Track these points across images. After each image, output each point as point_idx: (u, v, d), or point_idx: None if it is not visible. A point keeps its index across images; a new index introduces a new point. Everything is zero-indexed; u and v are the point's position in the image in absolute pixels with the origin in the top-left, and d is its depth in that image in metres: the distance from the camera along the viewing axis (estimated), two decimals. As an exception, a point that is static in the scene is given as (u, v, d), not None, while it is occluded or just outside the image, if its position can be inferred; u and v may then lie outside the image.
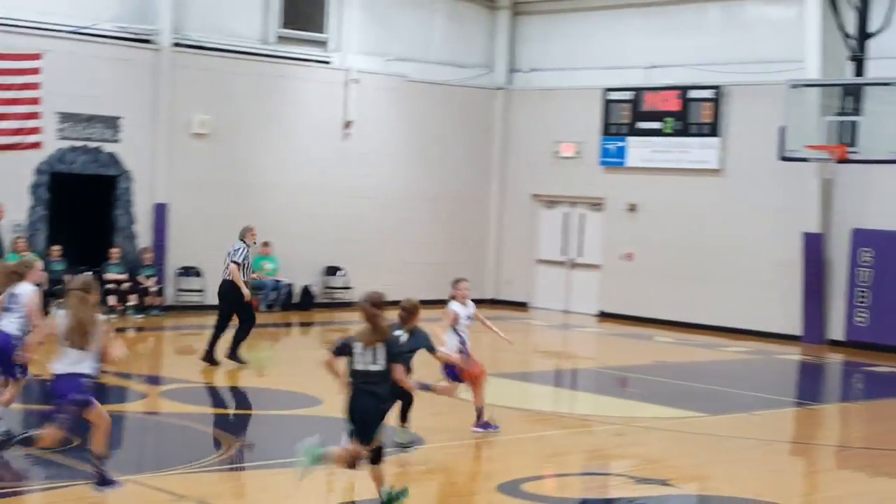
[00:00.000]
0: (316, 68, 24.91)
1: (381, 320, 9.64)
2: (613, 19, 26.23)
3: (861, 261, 21.78)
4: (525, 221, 27.51)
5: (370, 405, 9.52)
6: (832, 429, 15.56)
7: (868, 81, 17.51)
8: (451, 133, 27.09)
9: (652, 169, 25.07)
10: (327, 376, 9.93)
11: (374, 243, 25.81)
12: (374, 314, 9.62)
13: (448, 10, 27.17)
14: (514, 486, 10.75)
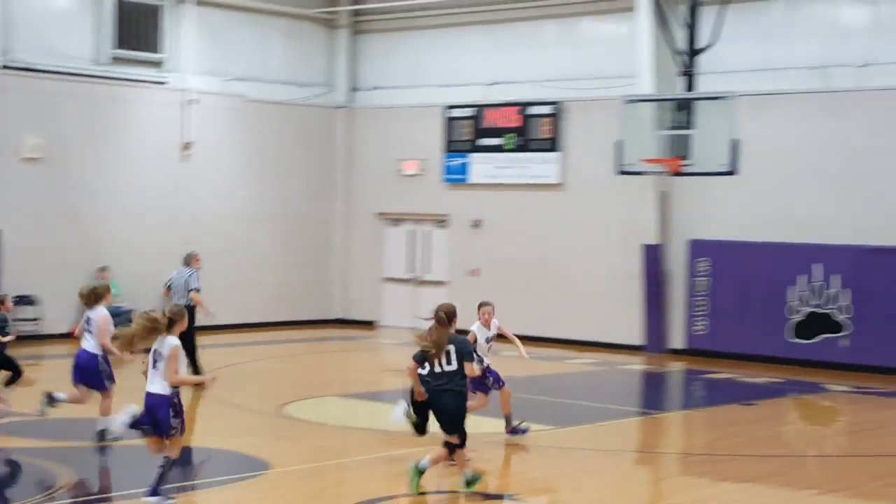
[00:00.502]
0: (152, 89, 24.51)
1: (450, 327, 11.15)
2: (453, 37, 26.44)
3: (698, 271, 22.34)
4: (370, 240, 27.49)
5: (450, 400, 11.02)
6: (675, 436, 15.88)
7: (698, 96, 17.98)
8: (293, 152, 26.93)
9: (495, 185, 25.32)
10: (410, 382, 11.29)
11: (218, 265, 25.42)
12: (446, 322, 11.13)
13: (287, 29, 27.03)
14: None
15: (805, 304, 21.24)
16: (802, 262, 21.23)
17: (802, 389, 19.02)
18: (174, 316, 10.59)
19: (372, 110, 27.56)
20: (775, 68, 21.78)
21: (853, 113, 21.05)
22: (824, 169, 21.26)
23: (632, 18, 22.99)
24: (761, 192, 21.72)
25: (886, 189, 20.64)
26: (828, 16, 21.66)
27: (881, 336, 20.44)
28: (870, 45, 21.02)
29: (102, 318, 12.99)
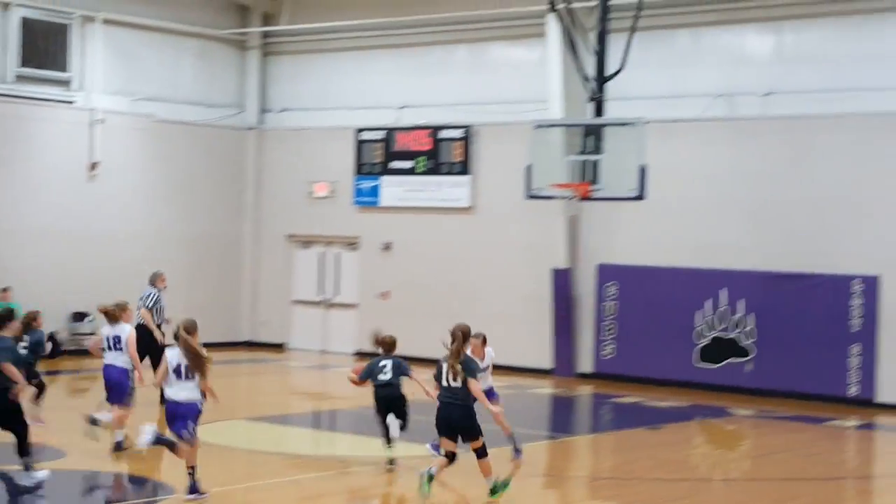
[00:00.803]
0: (58, 108, 24.18)
1: (464, 347, 12.23)
2: (364, 60, 26.46)
3: (607, 295, 22.55)
4: (280, 262, 27.35)
5: (454, 412, 12.10)
6: (583, 460, 15.98)
7: (607, 122, 18.15)
8: (202, 173, 26.72)
9: (405, 207, 25.35)
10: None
11: (125, 287, 24.97)
12: (462, 340, 12.19)
13: (197, 49, 26.85)
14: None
15: (711, 328, 21.54)
16: (709, 288, 21.54)
17: (708, 413, 19.26)
18: (189, 327, 12.30)
19: (282, 132, 27.46)
20: (682, 95, 22.13)
21: (757, 140, 21.45)
22: (730, 195, 21.62)
23: (542, 44, 23.23)
24: (669, 217, 22.02)
25: (790, 215, 21.03)
26: (733, 45, 22.07)
27: (784, 361, 20.79)
28: (773, 74, 21.45)
29: (132, 335, 13.89)
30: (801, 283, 20.67)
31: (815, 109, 20.89)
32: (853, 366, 20.22)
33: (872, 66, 20.49)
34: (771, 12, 21.65)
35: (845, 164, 20.54)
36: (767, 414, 19.27)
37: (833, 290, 20.38)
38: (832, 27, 21.05)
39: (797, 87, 21.17)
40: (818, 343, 20.45)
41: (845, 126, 20.57)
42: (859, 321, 20.17)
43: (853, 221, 20.44)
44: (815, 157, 20.84)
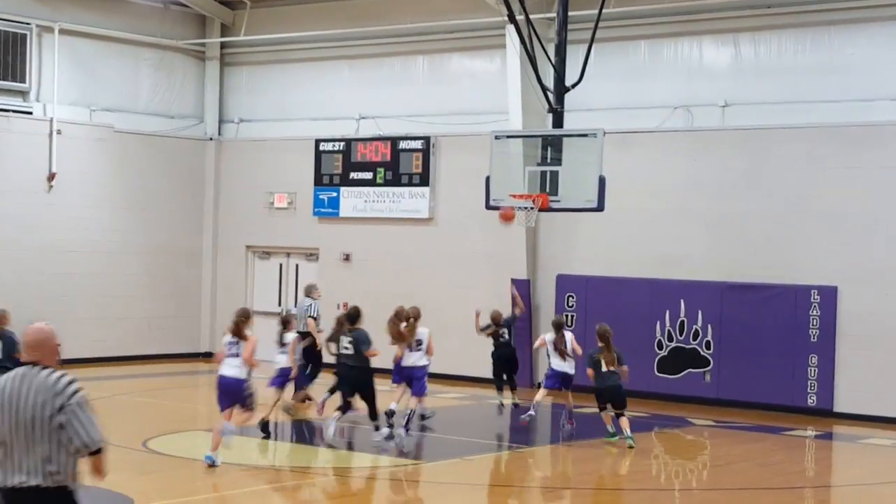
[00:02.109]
0: (15, 119, 24.00)
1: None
2: (322, 70, 26.44)
3: (567, 305, 22.60)
4: (240, 273, 27.25)
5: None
6: (542, 471, 15.99)
7: (566, 133, 18.18)
8: (161, 184, 26.60)
9: (365, 218, 25.32)
10: None
11: (84, 298, 25.01)
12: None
13: (156, 60, 26.73)
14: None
15: (670, 339, 21.64)
16: (667, 298, 21.64)
17: (667, 423, 19.33)
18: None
19: (242, 143, 27.39)
20: (640, 107, 22.25)
21: (715, 151, 21.59)
22: (688, 206, 21.74)
23: (501, 56, 23.30)
24: (627, 228, 22.12)
25: (746, 226, 21.17)
26: (691, 57, 22.21)
27: (743, 371, 20.90)
28: (731, 86, 21.61)
29: (251, 344, 14.78)
30: (760, 293, 20.81)
31: (772, 121, 21.06)
32: (811, 376, 20.36)
33: (829, 78, 20.68)
34: (729, 24, 21.81)
35: (803, 176, 20.71)
36: (726, 424, 19.37)
37: (791, 301, 20.53)
38: (789, 39, 21.23)
39: (755, 98, 21.34)
40: (777, 353, 20.58)
41: (802, 137, 20.74)
42: (817, 332, 20.32)
43: (811, 232, 20.60)
44: (773, 169, 21.00)
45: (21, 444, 6.43)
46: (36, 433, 6.42)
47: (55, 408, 6.42)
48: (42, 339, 6.70)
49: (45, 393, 6.44)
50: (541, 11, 21.83)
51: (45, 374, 6.52)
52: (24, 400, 6.44)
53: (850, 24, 20.73)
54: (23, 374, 6.54)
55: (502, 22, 21.42)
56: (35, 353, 6.64)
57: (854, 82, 20.42)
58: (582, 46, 19.18)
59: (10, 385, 6.50)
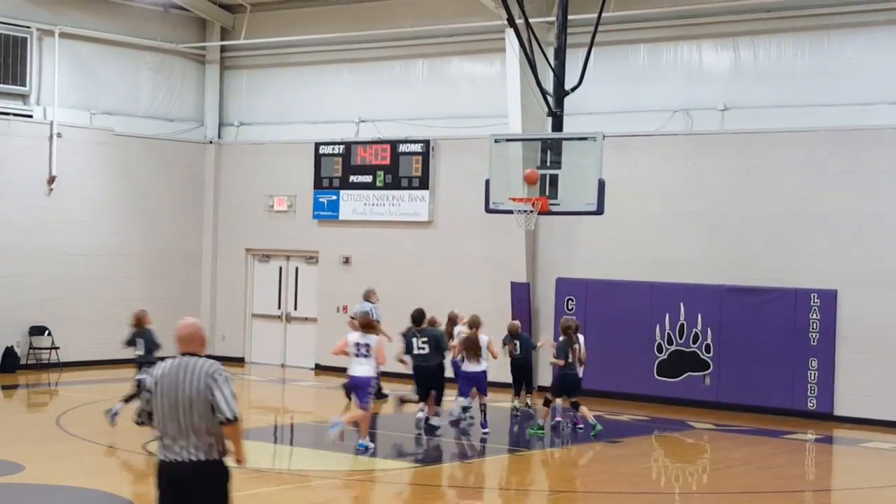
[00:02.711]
0: (15, 122, 24.03)
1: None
2: (322, 74, 26.48)
3: (566, 309, 22.59)
4: (239, 276, 27.27)
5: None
6: (542, 474, 15.99)
7: (565, 136, 18.20)
8: (161, 187, 26.62)
9: (365, 221, 25.34)
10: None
11: (84, 301, 25.02)
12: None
13: (156, 63, 26.75)
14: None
15: (670, 342, 21.64)
16: (667, 302, 21.64)
17: (667, 427, 19.34)
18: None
19: (241, 146, 27.41)
20: (640, 110, 22.28)
21: (715, 155, 21.60)
22: (687, 209, 21.76)
23: (501, 59, 23.31)
24: (627, 231, 22.13)
25: (745, 230, 21.18)
26: (690, 60, 22.22)
27: (742, 375, 20.90)
28: (730, 89, 21.62)
29: (381, 343, 15.88)
30: (760, 297, 20.82)
31: (771, 125, 21.08)
32: (812, 379, 20.37)
33: (828, 82, 20.70)
34: (728, 28, 21.83)
35: (802, 179, 20.72)
36: (726, 427, 19.38)
37: (791, 305, 20.53)
38: (789, 43, 21.25)
39: (754, 102, 21.36)
40: (777, 357, 20.58)
41: (802, 141, 20.76)
42: (817, 335, 20.32)
43: (811, 236, 20.61)
44: (773, 172, 21.02)
45: (181, 425, 7.47)
46: (195, 414, 7.45)
47: (208, 389, 7.47)
48: (193, 332, 7.78)
49: (201, 378, 7.49)
50: (540, 15, 21.85)
51: (200, 363, 7.58)
52: (183, 386, 7.48)
53: (849, 27, 20.74)
54: (179, 363, 7.60)
55: (502, 26, 21.48)
56: (188, 346, 7.70)
57: (853, 86, 20.44)
58: (581, 50, 19.22)
59: (169, 373, 7.57)
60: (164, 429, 7.56)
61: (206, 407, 7.47)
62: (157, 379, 7.61)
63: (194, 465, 7.50)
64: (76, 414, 18.55)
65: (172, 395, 7.51)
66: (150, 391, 7.64)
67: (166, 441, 7.56)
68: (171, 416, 7.52)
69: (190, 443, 7.50)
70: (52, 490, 12.75)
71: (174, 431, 7.52)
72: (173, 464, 7.50)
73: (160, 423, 7.57)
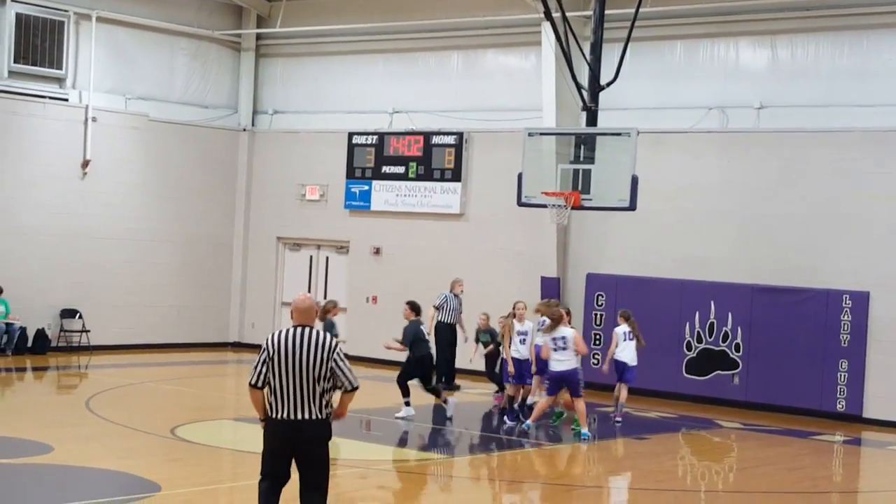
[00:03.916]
0: (51, 105, 24.16)
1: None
2: (357, 64, 26.49)
3: (596, 305, 22.55)
4: (270, 264, 27.34)
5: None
6: (567, 468, 15.96)
7: (599, 131, 18.14)
8: (194, 174, 26.71)
9: (396, 212, 25.35)
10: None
11: (115, 285, 25.16)
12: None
13: (192, 49, 26.84)
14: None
15: (699, 341, 21.56)
16: (697, 300, 21.56)
17: (695, 425, 19.27)
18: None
19: (275, 134, 27.47)
20: (675, 107, 22.18)
21: (749, 153, 21.49)
22: (720, 208, 21.66)
23: (536, 53, 23.27)
24: (659, 228, 22.06)
25: (779, 229, 21.07)
26: (727, 57, 22.11)
27: (772, 375, 20.81)
28: (766, 88, 21.50)
29: (577, 334, 16.62)
30: (791, 297, 20.72)
31: (807, 124, 20.95)
32: (841, 381, 20.25)
33: (866, 82, 20.55)
34: (766, 26, 21.71)
35: (837, 180, 20.59)
36: (754, 427, 19.30)
37: (823, 306, 20.42)
38: (827, 42, 21.10)
39: (790, 101, 21.23)
40: (806, 358, 20.48)
41: (838, 141, 20.62)
42: (848, 336, 20.21)
43: (844, 237, 20.48)
44: (807, 172, 20.89)
45: (300, 387, 8.65)
46: (311, 378, 8.65)
47: (325, 358, 8.69)
48: (307, 307, 8.87)
49: (316, 347, 8.68)
50: (577, 9, 21.79)
51: (314, 333, 8.77)
52: (301, 352, 8.66)
53: (889, 28, 20.58)
54: (298, 333, 8.74)
55: (538, 19, 21.41)
56: (303, 318, 8.82)
57: (891, 87, 20.28)
58: (617, 45, 19.13)
59: (289, 341, 8.71)
60: (284, 391, 8.67)
61: (324, 375, 8.67)
62: (276, 345, 8.69)
63: (308, 422, 8.68)
64: (105, 397, 18.65)
65: (293, 360, 8.64)
66: (270, 356, 8.69)
67: (287, 402, 8.68)
68: (291, 379, 8.65)
69: (308, 404, 8.65)
70: (81, 471, 12.83)
71: (293, 392, 8.64)
72: (290, 421, 8.68)
73: (280, 386, 8.66)
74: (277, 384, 8.70)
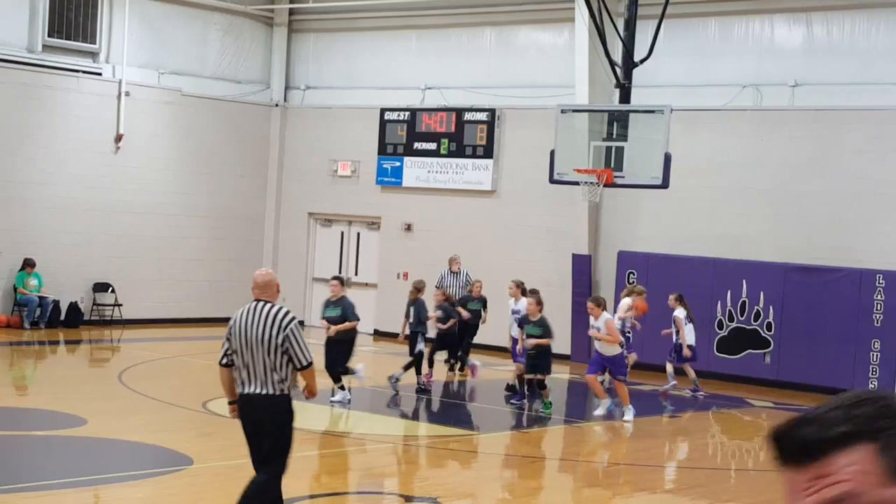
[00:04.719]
0: (85, 79, 24.24)
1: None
2: (389, 40, 26.44)
3: (627, 282, 22.47)
4: (301, 240, 27.40)
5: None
6: (598, 446, 15.98)
7: (632, 108, 18.07)
8: (226, 149, 26.77)
9: (427, 189, 25.34)
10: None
11: (147, 260, 25.27)
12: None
13: (224, 24, 26.87)
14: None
15: (731, 319, 21.49)
16: (730, 278, 21.47)
17: (725, 403, 19.23)
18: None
19: (307, 110, 27.48)
20: (709, 84, 22.04)
21: (783, 131, 21.35)
22: (753, 186, 21.54)
23: (570, 29, 23.16)
24: (691, 206, 21.96)
25: (813, 208, 20.94)
26: (762, 35, 21.95)
27: (803, 353, 20.72)
28: (802, 65, 21.34)
29: (610, 322, 16.49)
30: (823, 276, 20.60)
31: (842, 102, 20.78)
32: (874, 361, 20.14)
33: (902, 60, 20.36)
34: (801, 3, 21.51)
35: (871, 158, 20.43)
36: (785, 406, 19.23)
37: (856, 285, 20.30)
38: (862, 19, 20.90)
39: (825, 79, 21.06)
40: (838, 337, 20.37)
41: (872, 119, 20.46)
42: (881, 316, 20.08)
43: (878, 216, 20.33)
44: (841, 150, 20.74)
45: (252, 361, 8.47)
46: (266, 354, 8.43)
47: (275, 332, 8.43)
48: (265, 281, 8.75)
49: (275, 325, 8.46)
50: (611, -15, 21.66)
51: (274, 309, 8.57)
52: (254, 326, 8.47)
53: (926, 5, 20.39)
54: (253, 307, 8.60)
55: (572, -5, 21.32)
56: (263, 292, 8.68)
57: (928, 65, 20.10)
58: (651, 22, 19.03)
59: (244, 316, 8.56)
60: (241, 365, 8.52)
61: (277, 350, 8.43)
62: (234, 321, 8.57)
63: (264, 398, 8.48)
64: (138, 370, 18.78)
65: (248, 335, 8.47)
66: (231, 333, 8.59)
67: (243, 376, 8.53)
68: (246, 354, 8.48)
69: (260, 378, 8.46)
70: (114, 444, 12.93)
71: (249, 368, 8.48)
72: (249, 396, 8.50)
73: (238, 360, 8.52)
74: (237, 360, 8.57)
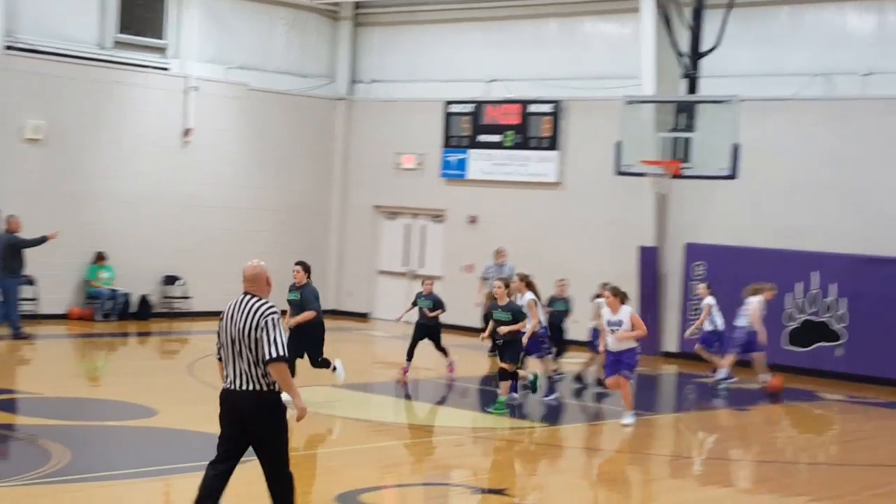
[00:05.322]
0: (154, 75, 24.46)
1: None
2: (454, 32, 26.42)
3: (694, 274, 22.31)
4: (366, 232, 27.48)
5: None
6: (666, 439, 15.85)
7: (700, 99, 17.93)
8: (292, 143, 26.90)
9: (492, 181, 25.29)
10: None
11: (214, 253, 25.46)
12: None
13: (290, 19, 26.99)
14: (352, 497, 10.67)
15: (801, 311, 21.24)
16: (799, 270, 21.22)
17: (796, 397, 19.00)
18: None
19: (371, 103, 27.54)
20: (778, 74, 21.78)
21: (855, 121, 21.05)
22: (824, 177, 21.25)
23: (635, 19, 22.99)
24: (760, 197, 21.72)
25: (885, 199, 20.63)
26: (833, 23, 21.65)
27: (876, 346, 20.43)
28: (874, 54, 21.01)
29: (634, 316, 15.32)
30: (895, 267, 20.29)
31: (915, 91, 20.45)
32: (946, 354, 19.82)
33: (976, 48, 20.00)
34: (872, -9, 21.21)
35: (944, 148, 20.09)
36: (857, 399, 18.98)
37: (928, 276, 19.98)
38: (935, 7, 20.56)
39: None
40: (911, 330, 20.07)
41: (946, 109, 20.11)
42: (954, 308, 19.76)
43: (951, 206, 19.99)
44: (914, 140, 20.41)
45: (235, 355, 8.20)
46: (248, 348, 8.13)
47: (253, 325, 8.14)
48: (254, 274, 8.59)
49: (248, 314, 8.18)
50: (678, -25, 21.47)
51: (257, 302, 8.29)
52: (237, 320, 8.22)
53: None
54: (239, 301, 8.36)
55: (638, -15, 21.18)
56: (251, 285, 8.48)
57: None
58: (719, 11, 18.87)
59: (230, 310, 8.32)
60: (227, 360, 8.28)
61: (258, 344, 8.13)
62: (224, 314, 8.35)
63: (249, 394, 8.16)
64: (207, 362, 18.90)
65: (231, 329, 8.23)
66: (220, 327, 8.37)
67: (228, 371, 8.26)
68: (230, 348, 8.23)
69: (244, 373, 8.17)
70: (185, 434, 13.03)
71: (233, 362, 8.22)
72: (232, 392, 8.22)
73: (225, 355, 8.30)
74: (224, 354, 8.33)
